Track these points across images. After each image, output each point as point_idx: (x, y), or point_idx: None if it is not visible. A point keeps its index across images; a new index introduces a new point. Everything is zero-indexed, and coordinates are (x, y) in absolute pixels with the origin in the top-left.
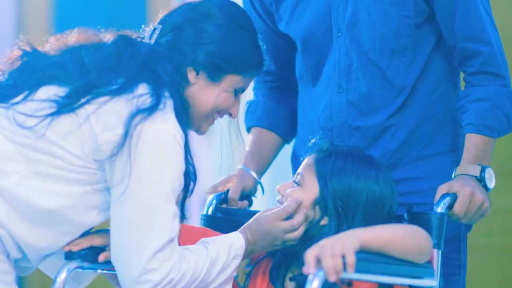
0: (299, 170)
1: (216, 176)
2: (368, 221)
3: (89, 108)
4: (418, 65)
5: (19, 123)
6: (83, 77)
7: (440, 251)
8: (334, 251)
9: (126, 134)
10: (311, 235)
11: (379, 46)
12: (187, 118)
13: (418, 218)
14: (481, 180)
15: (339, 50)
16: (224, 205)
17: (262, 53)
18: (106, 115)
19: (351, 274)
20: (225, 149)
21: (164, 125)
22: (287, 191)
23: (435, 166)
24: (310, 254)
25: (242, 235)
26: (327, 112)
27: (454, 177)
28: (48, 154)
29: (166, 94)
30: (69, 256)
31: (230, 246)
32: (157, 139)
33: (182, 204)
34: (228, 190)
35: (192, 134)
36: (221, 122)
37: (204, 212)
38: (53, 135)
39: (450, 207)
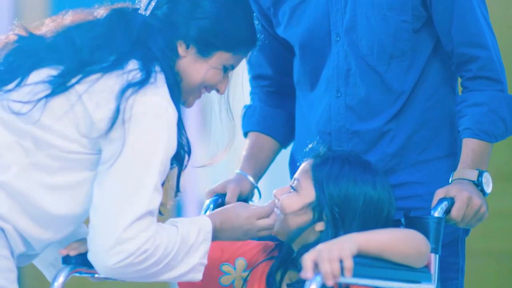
0: (296, 175)
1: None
2: (366, 226)
3: (80, 87)
4: (416, 70)
5: (15, 112)
6: (75, 57)
7: (437, 255)
8: (332, 255)
9: (118, 108)
10: (308, 241)
11: (377, 51)
12: (179, 91)
13: (415, 222)
14: (478, 184)
15: (338, 54)
16: None
17: (255, 32)
18: (98, 92)
19: (348, 279)
20: (215, 125)
21: (155, 98)
22: (282, 196)
23: (433, 171)
24: (307, 259)
25: (210, 221)
26: (325, 116)
27: (452, 181)
28: (44, 143)
29: (157, 68)
30: (67, 260)
31: (200, 228)
32: (148, 112)
33: (178, 177)
34: (225, 194)
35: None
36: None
37: None
38: (48, 119)
39: (447, 211)
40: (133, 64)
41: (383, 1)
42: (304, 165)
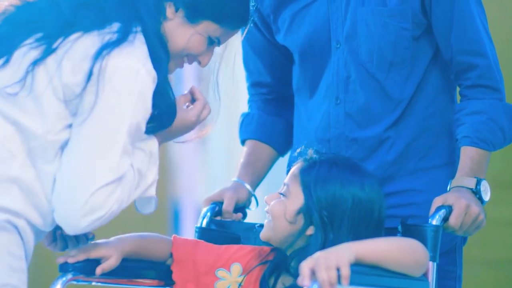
0: (285, 180)
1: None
2: (356, 228)
3: (61, 50)
4: (415, 78)
5: (8, 93)
6: (59, 18)
7: (435, 263)
8: (329, 263)
9: (91, 71)
10: (299, 246)
11: (377, 58)
12: (166, 53)
13: (412, 230)
14: (476, 192)
15: (338, 61)
16: (218, 217)
17: (248, 11)
18: (75, 55)
19: (345, 287)
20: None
21: (128, 59)
22: (271, 203)
23: (431, 179)
24: (305, 267)
25: (156, 141)
26: (324, 123)
27: (450, 189)
28: (32, 134)
29: (138, 29)
30: (64, 268)
31: (151, 152)
32: (119, 74)
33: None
34: (222, 202)
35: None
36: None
37: (198, 225)
38: (32, 104)
39: (445, 219)
40: (116, 25)
41: (383, 9)
42: (293, 169)
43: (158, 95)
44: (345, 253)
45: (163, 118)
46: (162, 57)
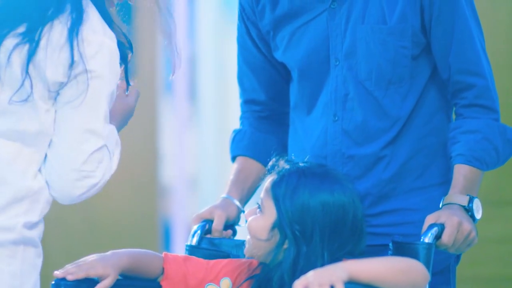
0: (261, 195)
1: None
2: (331, 236)
3: (42, 44)
4: (413, 97)
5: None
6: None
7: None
8: (322, 281)
9: (72, 57)
10: (278, 261)
11: (376, 76)
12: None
13: (404, 248)
14: (468, 210)
15: (336, 79)
16: (208, 235)
17: None
18: (53, 46)
19: None
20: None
21: (94, 34)
22: (248, 220)
23: (426, 198)
24: (298, 285)
25: None
26: (321, 140)
27: (442, 206)
28: (32, 120)
29: (84, 2)
30: (58, 285)
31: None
32: (93, 51)
33: (126, 74)
34: (212, 220)
35: None
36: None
37: (189, 243)
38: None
39: (437, 237)
40: (68, 6)
41: (383, 27)
42: (266, 183)
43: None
44: (338, 271)
45: (122, 56)
46: (107, 11)
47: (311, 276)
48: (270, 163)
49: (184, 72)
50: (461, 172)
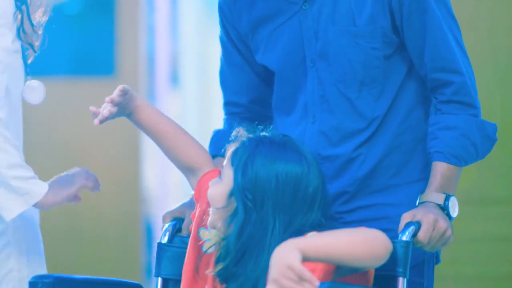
0: (223, 163)
1: None
2: (284, 205)
3: None
4: (388, 96)
5: None
6: None
7: (405, 279)
8: (281, 271)
9: None
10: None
11: (348, 78)
12: None
13: None
14: (444, 208)
15: (313, 80)
16: (178, 234)
17: None
18: None
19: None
20: None
21: None
22: (208, 190)
23: (403, 194)
24: None
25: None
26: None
27: (418, 204)
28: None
29: None
30: (34, 285)
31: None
32: None
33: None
34: (183, 219)
35: None
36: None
37: (160, 241)
38: None
39: (414, 234)
40: None
41: (353, 29)
42: (228, 151)
43: None
44: (289, 254)
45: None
46: None
47: (272, 272)
48: (234, 133)
49: (166, 71)
50: (438, 169)
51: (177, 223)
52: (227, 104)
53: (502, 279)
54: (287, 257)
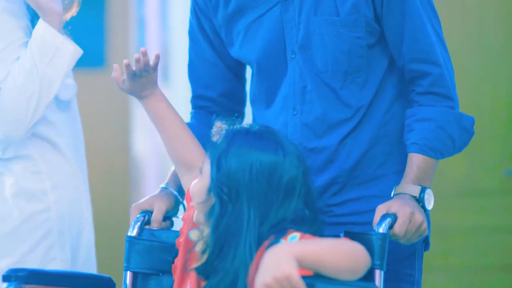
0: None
1: None
2: (259, 196)
3: None
4: (372, 85)
5: None
6: None
7: (382, 271)
8: (277, 276)
9: None
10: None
11: (332, 68)
12: None
13: (358, 238)
14: (420, 200)
15: (294, 72)
16: (147, 226)
17: None
18: None
19: None
20: None
21: None
22: (190, 186)
23: (390, 185)
24: None
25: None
26: None
27: (394, 195)
28: None
29: None
30: (7, 279)
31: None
32: None
33: None
34: (151, 211)
35: None
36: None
37: (129, 234)
38: None
39: (390, 227)
40: None
41: (336, 19)
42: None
43: None
44: (287, 262)
45: None
46: None
47: (265, 277)
48: (215, 128)
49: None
50: (414, 161)
51: (146, 215)
52: (195, 97)
53: (493, 270)
54: (285, 265)
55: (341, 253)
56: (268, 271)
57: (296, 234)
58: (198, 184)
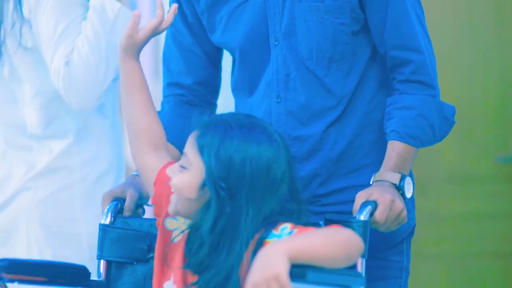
0: (184, 150)
1: None
2: (257, 192)
3: None
4: (356, 73)
5: None
6: None
7: (364, 259)
8: (266, 276)
9: None
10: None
11: (316, 55)
12: None
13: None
14: (399, 188)
15: (277, 59)
16: (119, 215)
17: None
18: None
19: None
20: None
21: None
22: (172, 179)
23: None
24: None
25: None
26: None
27: (373, 182)
28: None
29: None
30: None
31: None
32: None
33: None
34: (124, 199)
35: None
36: None
37: (103, 222)
38: None
39: (370, 214)
40: None
41: (320, 5)
42: (190, 137)
43: None
44: (278, 260)
45: None
46: None
47: (255, 276)
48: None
49: (148, 54)
50: (394, 149)
51: (118, 203)
52: (169, 85)
53: (485, 257)
54: (275, 265)
55: (335, 243)
56: (258, 270)
57: (287, 225)
58: (185, 178)
